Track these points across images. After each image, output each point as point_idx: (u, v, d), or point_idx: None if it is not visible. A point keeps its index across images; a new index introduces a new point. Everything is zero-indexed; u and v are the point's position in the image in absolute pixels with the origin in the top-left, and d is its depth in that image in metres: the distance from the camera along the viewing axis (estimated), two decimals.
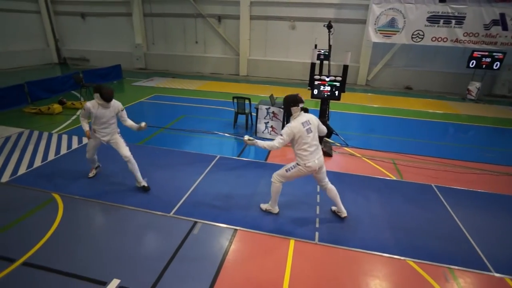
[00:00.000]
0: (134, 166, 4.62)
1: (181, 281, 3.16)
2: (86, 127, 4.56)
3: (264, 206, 4.34)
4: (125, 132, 7.15)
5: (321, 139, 6.44)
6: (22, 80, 9.31)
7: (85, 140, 6.56)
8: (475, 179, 5.52)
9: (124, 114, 4.67)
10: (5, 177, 5.02)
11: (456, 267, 3.44)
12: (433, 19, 11.72)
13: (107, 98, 4.32)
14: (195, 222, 4.05)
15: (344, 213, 4.18)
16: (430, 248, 3.74)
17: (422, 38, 12.07)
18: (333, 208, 4.33)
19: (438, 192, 5.02)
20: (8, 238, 3.70)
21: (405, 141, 7.36)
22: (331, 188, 4.08)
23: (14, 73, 14.18)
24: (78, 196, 4.55)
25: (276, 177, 4.00)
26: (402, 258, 3.55)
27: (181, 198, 4.58)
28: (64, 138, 6.72)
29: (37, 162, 5.57)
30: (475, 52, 11.47)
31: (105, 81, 12.68)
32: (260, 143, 3.74)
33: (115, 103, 4.53)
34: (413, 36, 12.11)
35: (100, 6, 16.22)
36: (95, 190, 4.74)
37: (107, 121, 4.52)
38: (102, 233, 3.85)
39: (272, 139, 6.98)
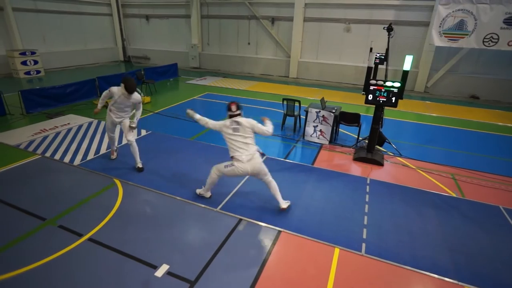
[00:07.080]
0: (135, 149, 5.26)
1: (225, 273, 3.27)
2: (100, 105, 5.27)
3: (198, 190, 4.64)
4: (183, 127, 7.50)
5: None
6: (94, 75, 10.43)
7: (143, 132, 7.13)
8: None
9: (140, 106, 5.22)
10: (77, 161, 5.68)
11: None
12: None
13: (130, 91, 4.89)
14: (240, 219, 4.16)
15: (283, 203, 4.26)
16: (496, 276, 3.36)
17: (496, 42, 10.81)
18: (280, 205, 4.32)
19: (507, 216, 4.48)
20: (78, 215, 4.17)
21: (468, 155, 6.68)
22: (271, 181, 4.22)
23: (89, 69, 15.94)
24: (135, 184, 4.96)
25: (214, 169, 4.28)
26: (460, 283, 3.24)
27: (228, 195, 4.72)
28: None
29: (103, 150, 6.18)
30: None
31: (163, 78, 13.58)
32: (197, 116, 4.27)
33: (136, 96, 5.08)
34: (485, 40, 10.91)
35: (162, 9, 17.49)
36: (151, 179, 5.11)
37: (124, 108, 5.18)
38: (155, 220, 4.14)
39: (320, 143, 6.81)
